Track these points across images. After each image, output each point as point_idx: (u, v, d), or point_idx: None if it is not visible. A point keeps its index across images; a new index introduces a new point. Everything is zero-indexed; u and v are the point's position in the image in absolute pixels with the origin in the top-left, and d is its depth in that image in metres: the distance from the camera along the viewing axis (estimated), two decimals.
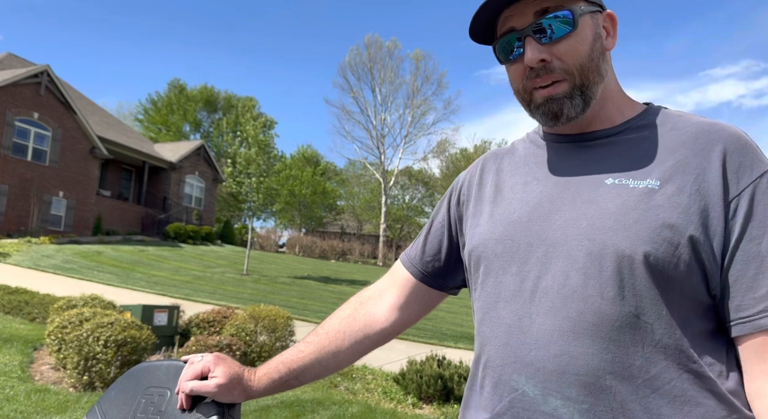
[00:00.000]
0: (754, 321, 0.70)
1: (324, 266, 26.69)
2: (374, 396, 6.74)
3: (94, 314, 6.66)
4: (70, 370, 5.97)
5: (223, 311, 8.36)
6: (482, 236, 0.86)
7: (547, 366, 0.72)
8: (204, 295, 12.61)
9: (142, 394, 1.05)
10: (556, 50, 0.78)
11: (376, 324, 1.01)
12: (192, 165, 28.69)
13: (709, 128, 0.78)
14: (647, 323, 0.71)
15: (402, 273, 1.02)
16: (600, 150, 0.81)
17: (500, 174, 0.91)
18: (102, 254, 17.80)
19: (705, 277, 0.72)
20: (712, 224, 0.72)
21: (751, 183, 0.73)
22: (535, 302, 0.76)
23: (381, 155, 35.05)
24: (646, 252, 0.71)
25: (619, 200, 0.75)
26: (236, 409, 0.98)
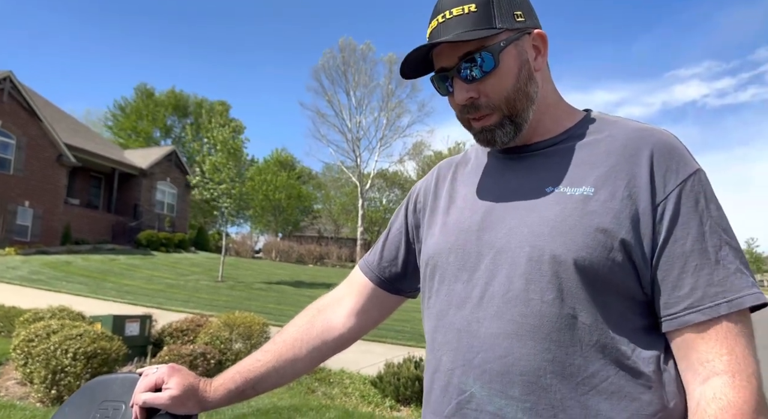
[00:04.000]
0: (679, 318, 0.74)
1: (301, 270, 26.51)
2: (352, 400, 6.71)
3: (62, 326, 6.48)
4: (38, 385, 5.79)
5: (196, 319, 8.22)
6: (437, 246, 0.89)
7: (493, 368, 0.75)
8: (178, 303, 12.39)
9: (97, 409, 1.02)
10: (482, 88, 0.83)
11: (334, 331, 1.02)
12: (163, 171, 28.20)
13: (639, 134, 0.82)
14: (584, 323, 0.74)
15: (360, 279, 1.05)
16: (541, 160, 0.86)
17: (454, 183, 0.95)
18: (71, 264, 17.33)
19: (638, 277, 0.76)
20: (642, 227, 0.75)
21: (677, 186, 0.76)
22: (482, 308, 0.79)
23: (357, 158, 35.03)
24: (581, 257, 0.74)
25: (558, 208, 0.79)
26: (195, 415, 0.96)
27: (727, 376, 0.70)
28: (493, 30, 0.81)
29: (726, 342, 0.71)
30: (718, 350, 0.71)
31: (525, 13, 0.86)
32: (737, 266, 0.74)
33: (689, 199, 0.76)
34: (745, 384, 0.69)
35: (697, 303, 0.73)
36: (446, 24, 0.82)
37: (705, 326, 0.72)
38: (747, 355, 0.71)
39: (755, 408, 0.68)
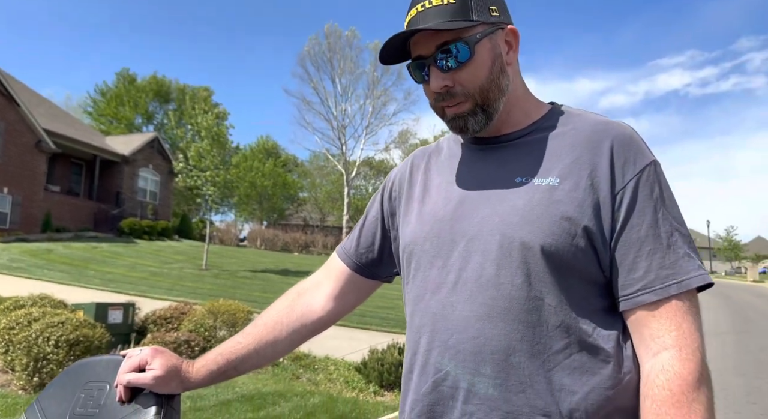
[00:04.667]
0: (634, 298, 0.80)
1: (287, 259, 26.50)
2: (336, 385, 6.78)
3: (43, 314, 6.44)
4: (19, 372, 5.76)
5: (180, 307, 8.21)
6: (413, 235, 0.93)
7: (466, 348, 0.81)
8: (161, 291, 12.34)
9: (82, 389, 1.05)
10: (457, 77, 0.87)
11: (313, 314, 1.06)
12: (146, 158, 27.84)
13: (601, 127, 0.88)
14: (550, 305, 0.80)
15: (338, 265, 1.09)
16: (511, 151, 0.91)
17: (428, 173, 0.99)
18: (52, 252, 17.13)
19: (598, 261, 0.82)
20: (603, 214, 0.81)
21: (634, 176, 0.82)
22: (456, 292, 0.84)
23: (343, 146, 34.86)
24: (547, 243, 0.80)
25: (526, 197, 0.84)
26: (175, 400, 0.98)
27: (675, 350, 0.76)
28: (470, 22, 0.85)
29: (675, 320, 0.77)
30: (668, 326, 0.77)
31: (499, 8, 0.90)
32: (686, 250, 0.81)
33: (645, 188, 0.82)
34: (691, 357, 0.75)
35: (650, 285, 0.79)
36: (425, 13, 0.85)
37: (656, 305, 0.78)
38: (693, 331, 0.77)
39: (698, 379, 0.74)
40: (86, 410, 1.01)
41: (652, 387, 0.75)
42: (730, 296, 23.30)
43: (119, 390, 0.97)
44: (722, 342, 10.89)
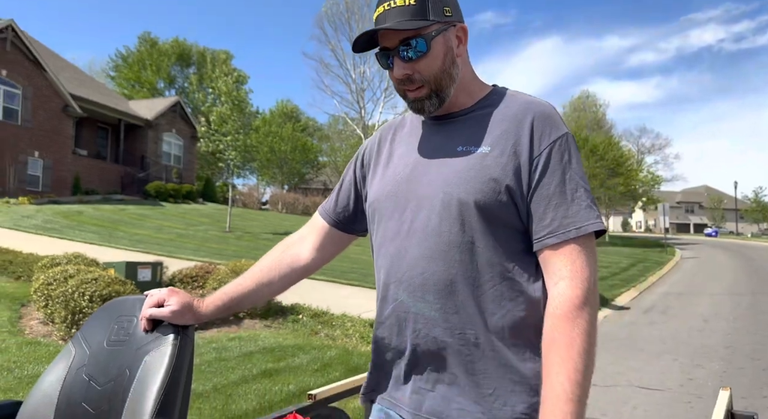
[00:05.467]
0: (542, 241, 1.01)
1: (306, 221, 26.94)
2: (352, 340, 7.15)
3: (78, 271, 6.87)
4: (59, 324, 6.23)
5: (205, 267, 8.63)
6: (376, 194, 1.15)
7: (415, 282, 1.03)
8: (187, 252, 12.83)
9: (115, 321, 1.31)
10: (416, 66, 1.05)
11: (300, 262, 1.29)
12: (169, 122, 28.25)
13: (526, 106, 1.07)
14: (479, 247, 1.01)
15: (319, 222, 1.31)
16: (457, 126, 1.11)
17: (393, 144, 1.20)
18: (83, 214, 17.79)
19: (518, 212, 1.02)
20: (522, 176, 1.01)
21: (548, 145, 1.03)
22: (408, 239, 1.06)
23: (361, 109, 34.71)
24: (478, 199, 1.00)
25: (464, 163, 1.04)
26: (189, 330, 1.24)
27: (568, 280, 0.97)
28: (427, 22, 1.03)
29: (570, 257, 0.98)
30: (565, 262, 0.98)
31: (452, 9, 1.08)
32: (588, 203, 1.01)
33: (557, 155, 1.02)
34: (579, 285, 0.96)
35: (554, 230, 0.99)
36: (390, 12, 1.03)
37: (558, 246, 0.99)
38: (585, 266, 0.97)
39: (584, 302, 0.95)
40: (119, 337, 1.28)
41: (549, 307, 0.97)
42: (753, 259, 23.11)
43: (143, 323, 1.23)
44: (737, 303, 11.02)
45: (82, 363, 1.27)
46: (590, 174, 28.24)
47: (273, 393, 4.89)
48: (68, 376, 1.27)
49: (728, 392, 3.06)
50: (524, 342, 1.01)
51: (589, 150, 28.25)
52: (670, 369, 6.39)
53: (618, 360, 6.81)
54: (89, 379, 1.24)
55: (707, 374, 6.11)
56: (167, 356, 1.17)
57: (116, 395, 1.18)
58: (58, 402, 1.24)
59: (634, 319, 9.90)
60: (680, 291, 13.65)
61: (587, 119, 43.34)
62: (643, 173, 41.39)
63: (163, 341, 1.20)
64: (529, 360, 1.01)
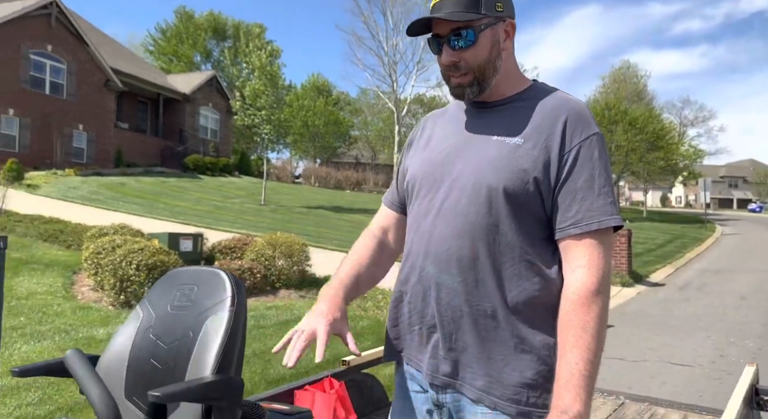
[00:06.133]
0: (565, 230, 1.10)
1: (339, 196, 27.27)
2: (383, 312, 7.36)
3: (124, 241, 7.23)
4: (108, 291, 6.62)
5: (243, 238, 8.94)
6: (414, 173, 1.25)
7: (441, 256, 1.14)
8: (225, 224, 13.24)
9: (177, 289, 1.47)
10: (463, 55, 1.14)
11: (394, 253, 1.37)
12: (205, 97, 28.71)
13: (561, 103, 1.15)
14: (503, 230, 1.11)
15: (389, 212, 1.39)
16: (495, 116, 1.19)
17: (433, 129, 1.31)
18: (125, 186, 18.47)
19: (542, 203, 1.11)
20: (551, 169, 1.10)
21: (579, 143, 1.11)
22: (439, 217, 1.16)
23: (393, 83, 34.37)
24: (506, 186, 1.09)
25: (497, 152, 1.13)
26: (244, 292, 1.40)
27: (586, 268, 1.06)
28: (478, 15, 1.12)
29: (589, 248, 1.07)
30: (584, 252, 1.07)
31: (504, 4, 1.16)
32: (611, 200, 1.10)
33: (586, 152, 1.10)
34: (595, 273, 1.05)
35: (577, 222, 1.08)
36: (446, 2, 1.12)
37: (580, 237, 1.08)
38: (601, 257, 1.07)
39: (598, 288, 1.04)
40: (182, 303, 1.44)
41: (567, 292, 1.07)
42: None
43: (295, 355, 1.10)
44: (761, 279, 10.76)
45: (149, 325, 1.44)
46: (629, 148, 27.37)
47: (308, 359, 5.12)
48: (137, 336, 1.44)
49: (754, 367, 3.09)
50: (536, 317, 1.10)
51: (629, 123, 27.31)
52: (702, 345, 6.37)
53: (650, 336, 6.81)
54: (156, 339, 1.41)
55: (740, 351, 6.08)
56: (225, 320, 1.32)
57: (181, 353, 1.34)
58: (129, 357, 1.41)
59: (669, 296, 9.80)
60: (718, 268, 13.37)
61: (627, 91, 41.83)
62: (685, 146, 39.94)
63: (222, 306, 1.35)
64: (539, 333, 1.10)
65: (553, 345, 1.09)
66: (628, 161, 28.16)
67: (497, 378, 1.10)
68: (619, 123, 27.15)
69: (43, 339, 4.97)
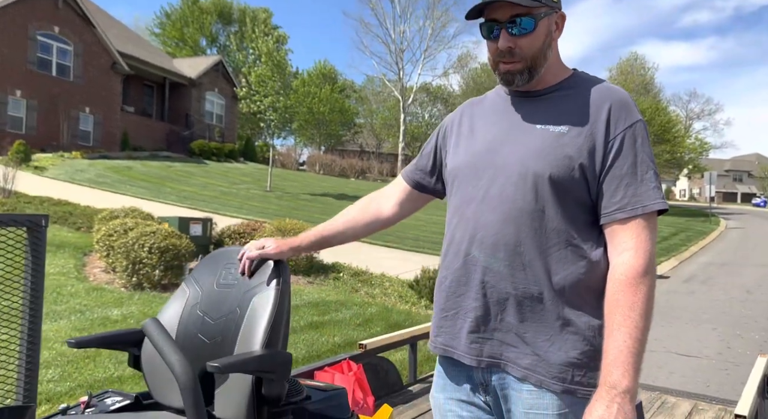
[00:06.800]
0: (611, 215, 1.13)
1: (344, 184, 27.28)
2: (391, 299, 7.43)
3: (136, 224, 7.28)
4: (120, 273, 6.68)
5: (252, 224, 8.98)
6: (457, 162, 1.29)
7: (488, 241, 1.18)
8: (232, 210, 13.29)
9: (223, 268, 1.52)
10: (519, 42, 1.17)
11: (383, 214, 1.49)
12: (211, 81, 28.62)
13: (604, 92, 1.19)
14: (549, 216, 1.14)
15: (402, 183, 1.48)
16: (537, 104, 1.22)
17: (473, 118, 1.33)
18: (132, 170, 18.51)
19: (588, 188, 1.15)
20: (596, 156, 1.13)
21: (623, 130, 1.14)
22: (485, 204, 1.19)
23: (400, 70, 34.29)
24: (552, 173, 1.13)
25: (541, 140, 1.16)
26: (288, 271, 1.46)
27: (633, 251, 1.10)
28: (539, 3, 1.15)
29: (636, 231, 1.11)
30: (630, 236, 1.11)
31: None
32: (655, 185, 1.13)
33: (630, 139, 1.13)
34: (642, 255, 1.09)
35: (623, 207, 1.12)
36: None
37: (625, 221, 1.11)
38: (647, 240, 1.10)
39: (645, 270, 1.08)
40: (228, 281, 1.48)
41: (614, 274, 1.10)
42: None
43: (246, 262, 1.47)
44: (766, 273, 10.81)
45: (196, 301, 1.48)
46: None
47: (320, 343, 5.20)
48: (184, 312, 1.48)
49: (766, 358, 3.14)
50: (581, 299, 1.13)
51: None
52: (708, 337, 6.42)
53: (655, 327, 6.82)
54: (203, 315, 1.45)
55: (746, 343, 6.13)
56: (272, 298, 1.37)
57: (228, 329, 1.39)
58: (177, 332, 1.45)
59: (674, 288, 9.85)
60: (723, 262, 13.40)
61: (634, 83, 41.55)
62: (691, 139, 39.77)
63: (268, 286, 1.40)
64: (584, 314, 1.13)
65: (597, 326, 1.12)
66: None
67: (543, 357, 1.14)
68: None
69: (60, 319, 5.05)
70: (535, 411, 1.15)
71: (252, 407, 1.27)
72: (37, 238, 1.83)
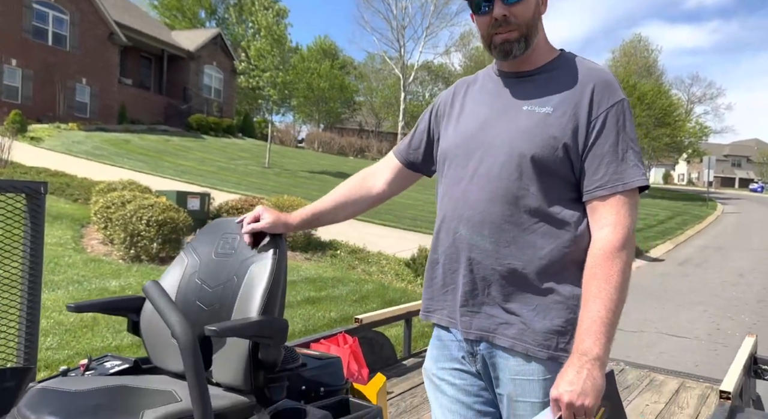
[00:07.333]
0: (593, 192, 1.17)
1: (342, 162, 27.21)
2: (387, 277, 7.49)
3: (134, 197, 7.28)
4: (118, 245, 6.70)
5: (250, 200, 8.99)
6: (447, 143, 1.32)
7: (475, 219, 1.21)
8: (229, 185, 13.27)
9: (220, 238, 1.53)
10: (513, 10, 1.19)
11: (373, 192, 1.50)
12: (210, 55, 28.26)
13: (589, 72, 1.21)
14: (533, 194, 1.18)
15: (393, 160, 1.50)
16: (525, 85, 1.25)
17: (465, 98, 1.35)
18: (129, 143, 18.41)
19: (572, 167, 1.18)
20: (579, 135, 1.17)
21: (605, 110, 1.17)
22: (473, 183, 1.23)
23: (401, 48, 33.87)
24: (537, 153, 1.16)
25: (529, 121, 1.19)
26: (284, 243, 1.47)
27: (612, 226, 1.14)
28: None
29: (616, 208, 1.14)
30: (610, 212, 1.15)
31: None
32: (635, 163, 1.16)
33: (612, 118, 1.16)
34: (620, 231, 1.13)
35: (604, 184, 1.15)
36: None
37: (606, 198, 1.15)
38: (626, 216, 1.14)
39: (623, 244, 1.12)
40: (225, 251, 1.50)
41: (593, 248, 1.15)
42: None
43: (246, 237, 1.47)
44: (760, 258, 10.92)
45: (194, 270, 1.50)
46: (636, 123, 27.07)
47: (317, 318, 5.26)
48: (183, 280, 1.50)
49: (753, 338, 3.20)
50: (566, 272, 1.18)
51: (637, 98, 27.02)
52: (699, 319, 6.52)
53: (647, 308, 6.96)
54: (201, 283, 1.47)
55: (736, 325, 6.23)
56: (268, 267, 1.39)
57: (226, 297, 1.41)
58: (175, 299, 1.47)
59: (668, 271, 9.95)
60: (718, 245, 13.50)
61: (637, 65, 41.20)
62: (691, 123, 39.62)
63: (265, 255, 1.41)
64: (568, 285, 1.17)
65: (580, 295, 1.16)
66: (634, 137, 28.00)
67: (529, 325, 1.18)
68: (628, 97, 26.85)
69: (57, 289, 5.08)
70: (521, 377, 1.20)
71: (249, 372, 1.30)
72: (36, 205, 1.84)
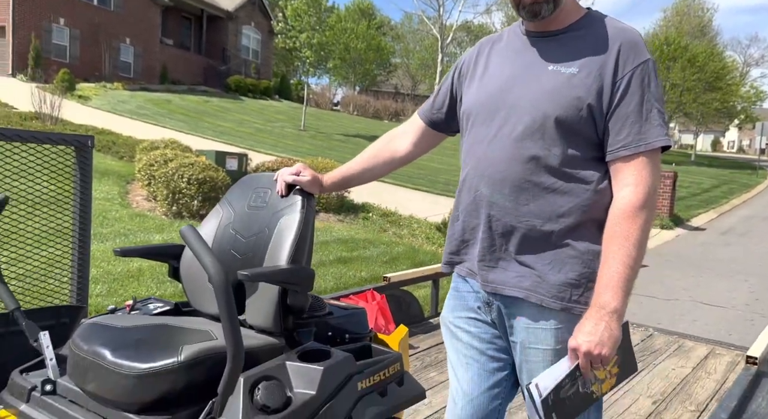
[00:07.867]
0: (615, 152, 1.18)
1: (377, 126, 27.08)
2: (418, 240, 7.58)
3: (175, 155, 7.52)
4: (161, 201, 6.99)
5: (285, 161, 9.14)
6: (471, 101, 1.33)
7: (495, 177, 1.24)
8: (266, 147, 13.47)
9: (253, 191, 1.61)
10: None
11: (399, 153, 1.54)
12: (248, 15, 28.20)
13: (616, 32, 1.20)
14: (555, 154, 1.20)
15: (418, 121, 1.52)
16: (551, 45, 1.25)
17: (489, 57, 1.36)
18: (171, 103, 18.80)
19: (595, 127, 1.19)
20: (603, 96, 1.17)
21: (631, 70, 1.17)
22: (495, 142, 1.25)
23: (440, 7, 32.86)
24: (561, 114, 1.17)
25: (553, 81, 1.20)
26: (313, 198, 1.54)
27: (633, 186, 1.15)
28: None
29: (638, 167, 1.16)
30: (632, 171, 1.16)
31: None
32: (659, 122, 1.17)
33: (638, 78, 1.16)
34: (642, 190, 1.15)
35: (627, 144, 1.16)
36: None
37: (629, 158, 1.16)
38: (648, 176, 1.15)
39: (644, 204, 1.14)
40: (257, 204, 1.58)
41: (614, 208, 1.17)
42: None
43: (281, 185, 1.53)
44: None
45: (229, 221, 1.60)
46: (685, 87, 25.83)
47: (348, 276, 5.41)
48: (218, 230, 1.60)
49: None
50: (583, 229, 1.20)
51: (687, 60, 25.60)
52: (737, 288, 6.38)
53: (684, 276, 6.85)
54: (235, 233, 1.57)
55: None
56: (297, 220, 1.47)
57: (258, 246, 1.50)
58: (211, 247, 1.58)
59: (709, 240, 9.69)
60: (766, 215, 13.00)
61: (690, 25, 38.86)
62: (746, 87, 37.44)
63: (294, 208, 1.49)
64: (584, 241, 1.20)
65: (596, 251, 1.19)
66: (682, 101, 26.65)
67: (544, 278, 1.22)
68: (677, 60, 25.47)
69: (106, 241, 5.37)
70: (535, 326, 1.25)
71: (279, 315, 1.40)
72: (84, 157, 1.97)
